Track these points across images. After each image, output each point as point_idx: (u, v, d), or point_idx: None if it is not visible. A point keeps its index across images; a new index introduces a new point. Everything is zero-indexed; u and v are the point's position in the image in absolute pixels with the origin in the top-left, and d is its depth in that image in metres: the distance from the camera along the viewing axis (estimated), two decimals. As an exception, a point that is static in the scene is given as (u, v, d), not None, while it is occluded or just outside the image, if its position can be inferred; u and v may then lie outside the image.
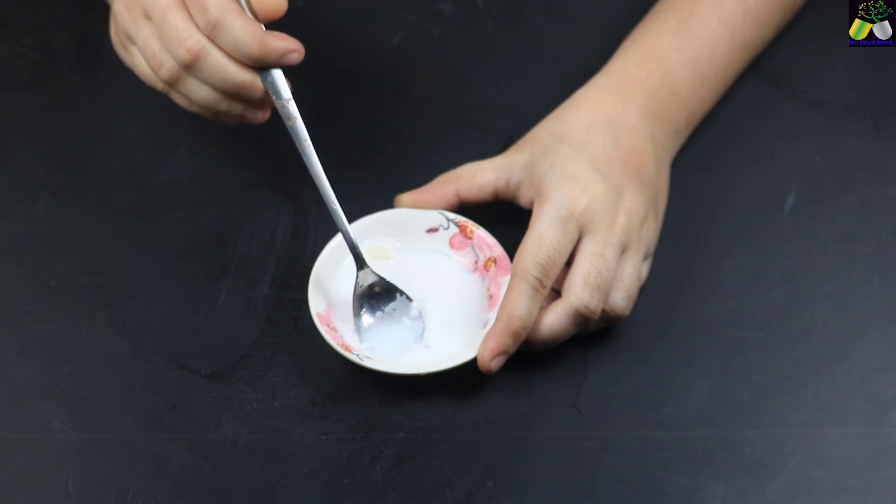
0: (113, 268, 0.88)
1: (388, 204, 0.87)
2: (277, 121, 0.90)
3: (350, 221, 0.85)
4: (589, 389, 0.83)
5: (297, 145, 0.81)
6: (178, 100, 0.83)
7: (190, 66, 0.79)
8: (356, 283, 0.83)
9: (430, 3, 1.02)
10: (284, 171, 0.93)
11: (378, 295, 0.83)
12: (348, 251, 0.85)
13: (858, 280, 0.87)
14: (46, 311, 0.86)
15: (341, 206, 0.82)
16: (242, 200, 0.91)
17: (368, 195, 0.85)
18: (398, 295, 0.83)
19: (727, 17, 0.92)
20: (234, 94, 0.80)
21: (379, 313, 0.83)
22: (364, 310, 0.83)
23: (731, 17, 0.92)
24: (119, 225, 0.90)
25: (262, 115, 0.83)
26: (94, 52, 0.99)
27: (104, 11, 1.00)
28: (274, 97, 0.80)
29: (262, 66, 0.79)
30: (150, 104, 0.96)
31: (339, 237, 0.85)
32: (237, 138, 0.95)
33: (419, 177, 0.88)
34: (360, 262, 0.83)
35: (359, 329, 0.83)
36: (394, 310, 0.83)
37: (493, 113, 0.96)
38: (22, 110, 0.96)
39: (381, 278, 0.83)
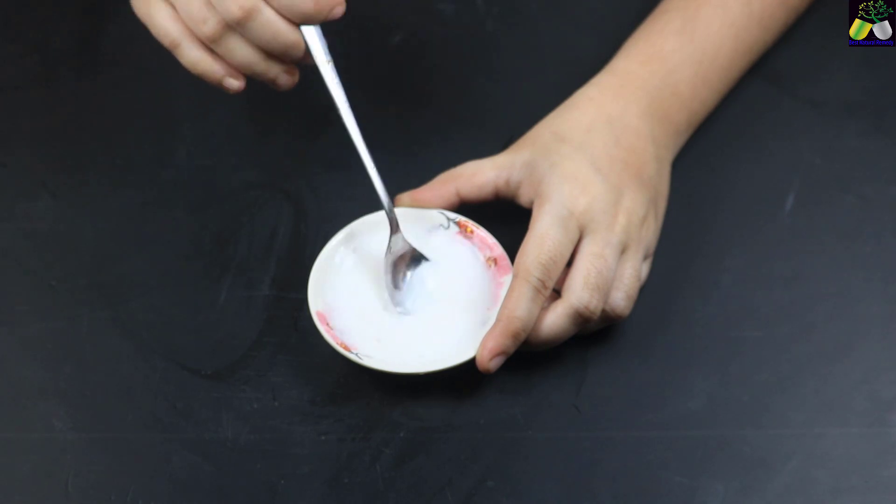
0: (113, 268, 0.88)
1: (388, 204, 0.87)
2: (278, 120, 0.90)
3: (350, 221, 0.86)
4: (589, 389, 0.83)
5: (336, 106, 0.81)
6: (188, 56, 0.81)
7: (240, 24, 0.78)
8: (388, 248, 0.83)
9: (430, 3, 1.02)
10: (284, 171, 0.93)
11: (408, 261, 0.84)
12: (347, 250, 0.85)
13: (858, 280, 0.87)
14: (46, 311, 0.86)
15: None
16: (242, 200, 0.91)
17: (369, 194, 0.85)
18: (425, 261, 0.84)
19: (731, 19, 0.92)
20: (280, 53, 0.80)
21: (411, 278, 0.84)
22: (400, 272, 0.84)
23: (736, 19, 0.92)
24: (119, 225, 0.90)
25: (293, 80, 0.83)
26: (94, 52, 0.99)
27: (105, 10, 1.00)
28: (315, 59, 0.81)
29: (308, 24, 0.79)
30: (150, 104, 0.96)
31: (339, 235, 0.85)
32: (237, 138, 0.95)
33: (419, 176, 0.88)
34: (394, 227, 0.83)
35: (397, 292, 0.83)
36: (423, 275, 0.84)
37: (493, 113, 0.96)
38: (22, 110, 0.97)
39: (410, 244, 0.84)
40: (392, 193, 0.87)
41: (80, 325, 0.85)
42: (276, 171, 0.93)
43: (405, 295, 0.84)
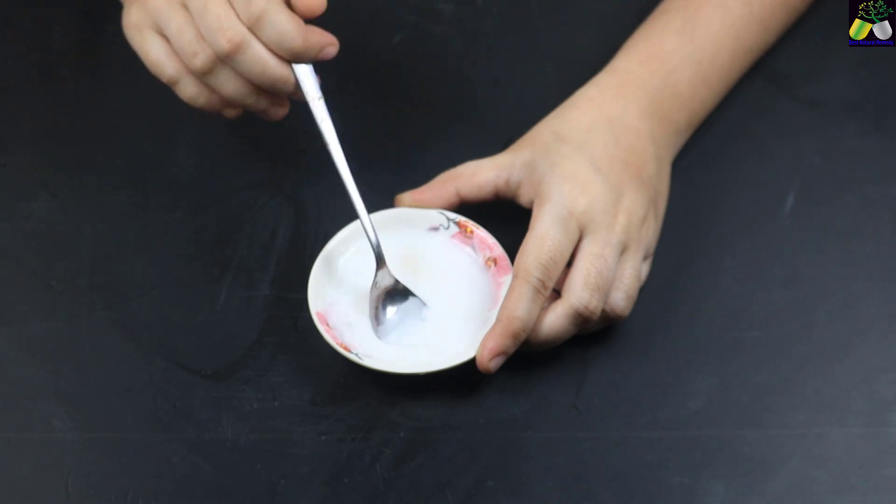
0: (113, 268, 0.88)
1: (388, 203, 0.87)
2: (278, 120, 0.89)
3: (351, 221, 0.86)
4: (589, 389, 0.83)
5: (325, 142, 0.82)
6: (187, 92, 0.83)
7: (229, 57, 0.79)
8: (374, 282, 0.83)
9: (430, 3, 1.02)
10: (284, 171, 0.93)
11: (394, 296, 0.83)
12: (347, 250, 0.85)
13: (858, 280, 0.87)
14: (46, 311, 0.86)
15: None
16: (242, 200, 0.91)
17: (368, 195, 0.85)
18: (411, 297, 0.84)
19: (732, 20, 0.92)
20: (269, 87, 0.81)
21: (395, 313, 0.83)
22: (383, 309, 0.83)
23: (736, 19, 0.92)
24: (119, 225, 0.90)
25: (283, 112, 0.84)
26: (94, 52, 0.99)
27: (105, 10, 1.00)
28: (306, 94, 0.81)
29: (298, 61, 0.80)
30: (150, 104, 0.96)
31: (338, 236, 0.85)
32: (237, 138, 0.95)
33: (419, 176, 0.88)
34: (380, 262, 0.83)
35: (379, 327, 0.83)
36: (408, 311, 0.83)
37: (493, 113, 0.96)
38: (22, 110, 0.97)
39: (397, 280, 0.83)
40: (392, 194, 0.87)
41: (80, 325, 0.85)
42: (276, 172, 0.93)
43: (389, 330, 0.83)
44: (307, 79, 0.81)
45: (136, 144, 0.95)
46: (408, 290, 0.84)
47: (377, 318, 0.83)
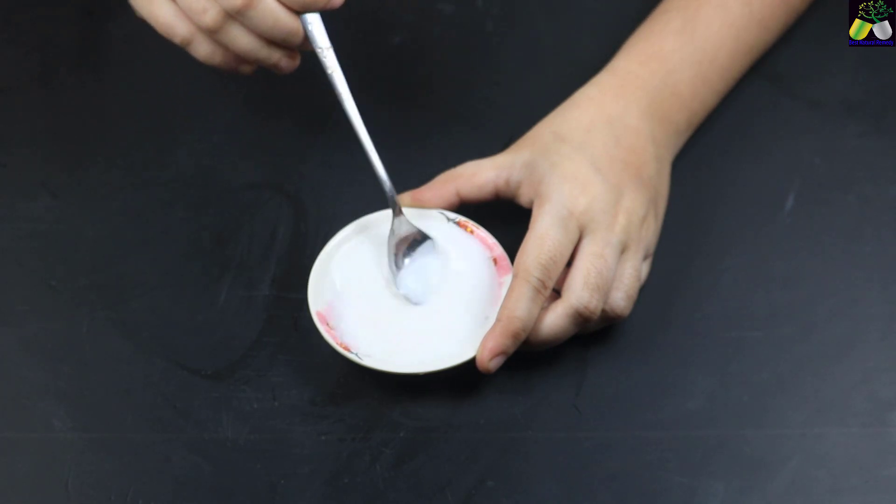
0: (113, 268, 0.88)
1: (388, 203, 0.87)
2: (278, 120, 0.90)
3: (351, 220, 0.86)
4: (589, 389, 0.83)
5: (336, 92, 0.82)
6: (201, 51, 0.82)
7: (240, 13, 0.79)
8: (391, 230, 0.84)
9: (430, 3, 1.02)
10: (284, 171, 0.93)
11: (411, 242, 0.84)
12: (347, 250, 0.85)
13: (858, 280, 0.87)
14: (46, 311, 0.86)
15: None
16: (242, 200, 0.91)
17: (368, 195, 0.85)
18: (428, 241, 0.85)
19: (732, 20, 0.92)
20: (281, 40, 0.81)
21: (413, 257, 0.84)
22: (402, 257, 0.84)
23: (736, 19, 0.92)
24: (119, 225, 0.90)
25: (295, 63, 0.84)
26: (94, 52, 0.99)
27: (106, 10, 1.00)
28: (315, 45, 0.81)
29: (307, 11, 0.80)
30: (150, 104, 0.96)
31: (338, 236, 0.85)
32: (237, 138, 0.95)
33: (419, 176, 0.88)
34: (396, 209, 0.84)
35: (399, 272, 0.84)
36: (425, 254, 0.84)
37: (493, 113, 0.96)
38: (22, 110, 0.96)
39: (414, 226, 0.84)
40: (392, 193, 0.87)
41: (80, 325, 0.85)
42: (276, 171, 0.93)
43: (407, 277, 0.83)
44: (316, 29, 0.81)
45: (136, 144, 0.94)
46: (425, 235, 0.84)
47: (396, 264, 0.83)
